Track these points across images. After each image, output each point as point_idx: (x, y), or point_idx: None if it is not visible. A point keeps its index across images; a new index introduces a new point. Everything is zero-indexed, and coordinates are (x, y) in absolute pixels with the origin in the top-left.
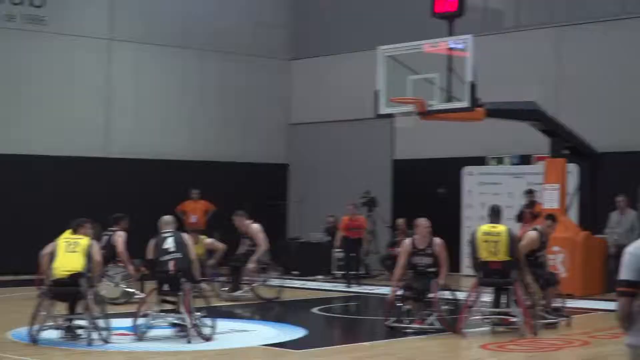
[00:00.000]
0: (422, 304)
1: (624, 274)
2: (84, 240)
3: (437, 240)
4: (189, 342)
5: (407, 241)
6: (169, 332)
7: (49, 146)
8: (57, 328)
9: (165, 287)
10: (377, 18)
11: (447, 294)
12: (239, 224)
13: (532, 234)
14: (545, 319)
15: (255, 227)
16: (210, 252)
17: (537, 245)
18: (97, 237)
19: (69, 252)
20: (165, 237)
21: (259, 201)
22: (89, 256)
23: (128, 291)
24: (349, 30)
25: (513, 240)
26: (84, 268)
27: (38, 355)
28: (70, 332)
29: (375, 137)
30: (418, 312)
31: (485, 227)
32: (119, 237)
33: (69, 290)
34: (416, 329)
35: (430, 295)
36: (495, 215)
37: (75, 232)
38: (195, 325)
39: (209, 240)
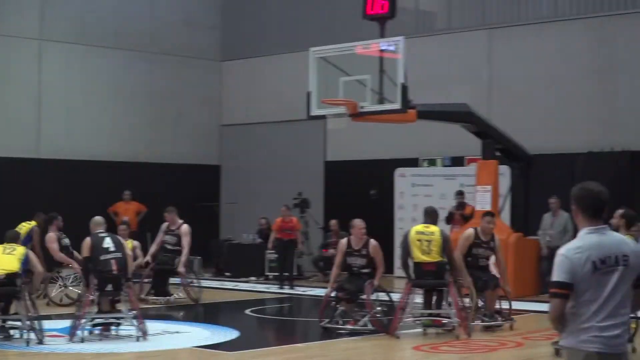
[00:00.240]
0: (355, 305)
1: (557, 275)
2: (20, 249)
3: (373, 242)
4: (137, 339)
5: (343, 241)
6: (96, 332)
7: None
8: None
9: (109, 288)
10: (309, 19)
11: (382, 296)
12: (170, 220)
13: (468, 231)
14: (483, 321)
15: (186, 228)
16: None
17: (472, 241)
18: (40, 243)
19: (6, 254)
20: (103, 237)
21: (191, 203)
22: (25, 262)
23: (78, 292)
24: (280, 32)
25: (446, 241)
26: (20, 269)
27: None
28: (4, 333)
29: (308, 139)
30: (352, 313)
31: (419, 227)
32: (52, 244)
33: (6, 290)
34: (350, 330)
35: (363, 296)
36: (429, 216)
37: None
38: (142, 324)
39: (136, 243)
